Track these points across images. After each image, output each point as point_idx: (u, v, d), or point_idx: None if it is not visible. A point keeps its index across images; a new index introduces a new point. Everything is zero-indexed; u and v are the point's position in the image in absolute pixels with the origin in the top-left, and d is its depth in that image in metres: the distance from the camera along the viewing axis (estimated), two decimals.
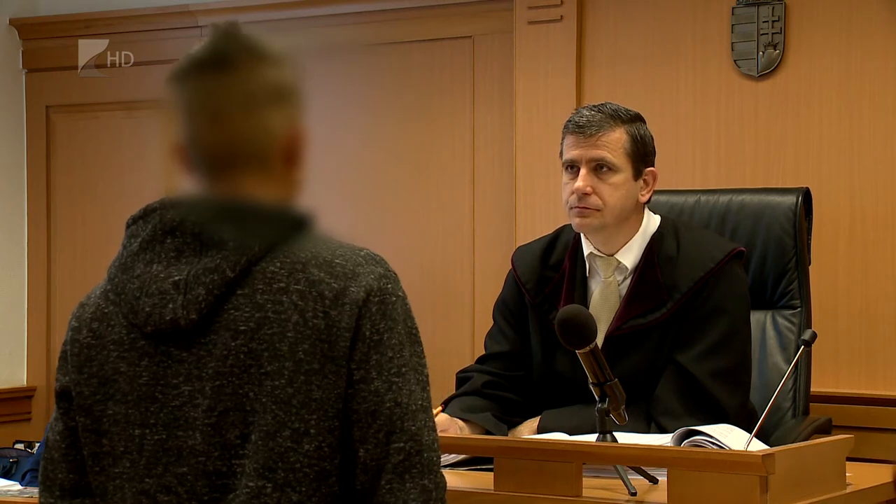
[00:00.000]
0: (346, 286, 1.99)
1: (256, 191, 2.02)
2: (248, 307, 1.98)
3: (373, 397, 1.99)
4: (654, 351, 3.17)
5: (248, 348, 1.98)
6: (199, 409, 1.99)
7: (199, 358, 2.00)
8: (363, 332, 1.99)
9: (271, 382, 1.97)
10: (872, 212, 4.22)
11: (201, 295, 1.98)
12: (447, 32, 4.96)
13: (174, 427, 2.00)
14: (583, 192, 3.17)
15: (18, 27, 5.69)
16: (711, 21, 4.44)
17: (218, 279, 1.98)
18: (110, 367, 2.04)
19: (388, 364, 1.99)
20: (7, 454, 5.01)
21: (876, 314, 4.21)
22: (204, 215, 2.01)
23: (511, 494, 2.61)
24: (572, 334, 2.73)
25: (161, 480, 2.01)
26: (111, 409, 2.04)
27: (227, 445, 1.98)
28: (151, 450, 2.01)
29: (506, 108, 4.82)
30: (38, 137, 5.73)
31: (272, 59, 2.02)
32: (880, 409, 4.17)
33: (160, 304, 2.00)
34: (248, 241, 1.99)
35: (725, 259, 3.20)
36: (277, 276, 1.99)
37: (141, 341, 2.02)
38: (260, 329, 1.98)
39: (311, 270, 1.99)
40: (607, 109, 3.22)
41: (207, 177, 2.03)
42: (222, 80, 2.00)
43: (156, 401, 2.01)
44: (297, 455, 1.97)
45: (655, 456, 2.61)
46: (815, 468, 2.65)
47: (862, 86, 4.24)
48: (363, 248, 2.05)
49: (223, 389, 1.98)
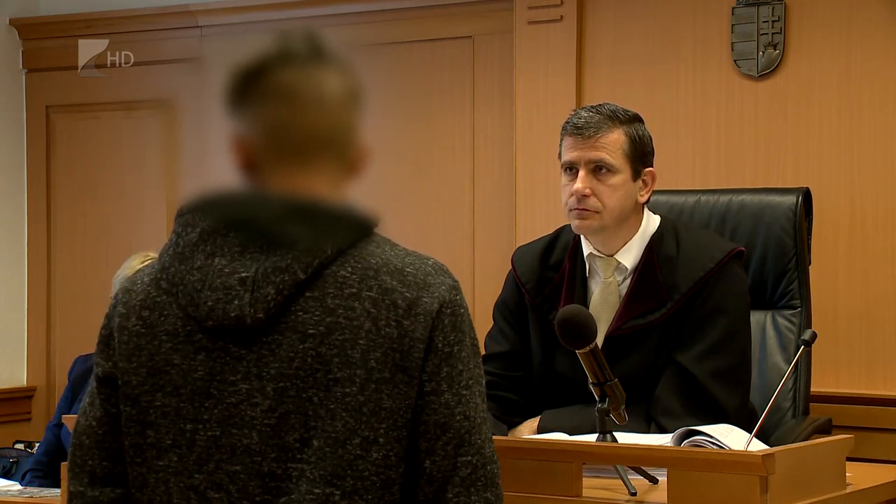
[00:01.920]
0: (419, 296, 1.99)
1: (322, 190, 2.01)
2: (318, 310, 1.97)
3: (443, 409, 2.00)
4: (654, 351, 3.17)
5: (316, 352, 1.96)
6: (257, 408, 1.97)
7: (261, 357, 1.98)
8: (436, 344, 2.00)
9: (342, 389, 1.96)
10: (872, 212, 4.22)
11: (270, 294, 1.96)
12: (447, 32, 4.96)
13: (229, 424, 1.98)
14: (582, 194, 3.17)
15: (18, 27, 5.69)
16: (711, 21, 4.44)
17: (289, 279, 1.96)
18: (161, 358, 2.01)
19: (458, 377, 2.01)
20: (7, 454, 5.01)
21: (876, 314, 4.21)
22: (274, 212, 1.98)
23: (511, 494, 2.60)
24: (572, 334, 2.73)
25: (212, 477, 1.99)
26: (159, 400, 2.01)
27: (285, 448, 1.97)
28: (203, 445, 1.99)
29: (506, 108, 4.82)
30: (38, 137, 5.73)
31: (348, 66, 2.03)
32: (880, 409, 4.17)
33: (224, 300, 1.97)
34: (319, 243, 1.97)
35: (725, 259, 3.20)
36: (349, 281, 1.98)
37: (198, 335, 1.99)
38: (330, 334, 1.96)
39: (384, 278, 1.99)
40: (605, 110, 3.22)
41: (279, 169, 2.00)
42: (318, 74, 2.00)
43: (210, 396, 1.99)
44: (365, 463, 1.97)
45: (655, 456, 2.61)
46: (815, 468, 2.65)
47: (862, 86, 4.24)
48: (429, 257, 2.06)
49: (286, 392, 1.96)
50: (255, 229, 1.99)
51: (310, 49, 2.01)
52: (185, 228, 2.03)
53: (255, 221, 1.99)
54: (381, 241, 2.04)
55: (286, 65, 2.00)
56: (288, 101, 1.99)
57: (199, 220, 2.01)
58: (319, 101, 1.99)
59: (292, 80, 1.99)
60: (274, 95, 1.99)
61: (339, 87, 2.01)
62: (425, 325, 1.99)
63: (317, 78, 2.00)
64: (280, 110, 1.99)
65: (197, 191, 2.05)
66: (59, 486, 2.96)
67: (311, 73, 2.00)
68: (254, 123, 2.00)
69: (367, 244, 2.02)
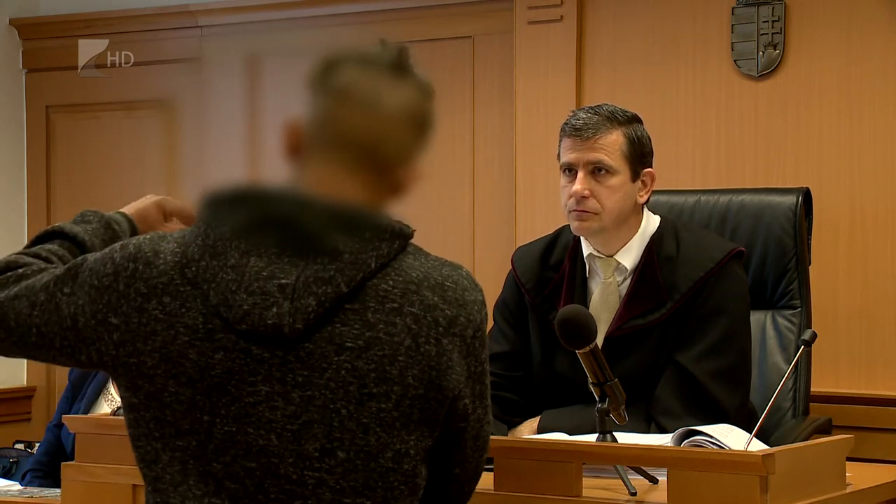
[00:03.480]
0: (457, 315, 2.02)
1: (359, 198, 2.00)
2: (357, 324, 1.96)
3: (475, 423, 2.08)
4: (654, 351, 3.17)
5: (352, 365, 1.96)
6: (277, 411, 1.96)
7: (286, 362, 1.96)
8: (471, 368, 2.04)
9: (377, 405, 1.96)
10: (872, 212, 4.22)
11: (311, 305, 1.94)
12: (447, 32, 4.96)
13: (245, 423, 1.97)
14: (580, 196, 3.17)
15: (18, 27, 5.69)
16: (711, 21, 4.44)
17: (331, 292, 1.94)
18: (176, 349, 1.98)
19: (484, 391, 2.08)
20: (7, 454, 5.01)
21: (876, 314, 4.21)
22: (317, 216, 1.96)
23: (511, 494, 2.61)
24: (572, 334, 2.73)
25: (229, 469, 1.98)
26: (173, 387, 1.99)
27: (304, 455, 1.97)
28: (221, 438, 1.98)
29: (506, 108, 4.82)
30: (38, 137, 5.73)
31: (428, 92, 2.04)
32: (880, 409, 4.17)
33: (262, 305, 1.94)
34: (364, 257, 1.96)
35: (725, 259, 3.20)
36: (391, 295, 1.98)
37: (219, 334, 1.97)
38: (369, 349, 1.96)
39: (425, 293, 2.00)
40: (604, 111, 3.21)
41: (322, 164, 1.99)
42: (387, 84, 2.00)
43: (228, 394, 1.97)
44: (395, 475, 2.00)
45: (655, 456, 2.61)
46: (815, 468, 2.65)
47: (862, 86, 4.24)
48: (461, 266, 2.08)
49: (313, 400, 1.96)
50: (297, 232, 1.96)
51: (393, 60, 2.01)
52: (215, 220, 1.99)
53: (296, 224, 1.96)
54: (415, 252, 2.05)
55: (361, 66, 2.00)
56: (347, 99, 1.99)
57: (231, 213, 1.98)
58: (377, 109, 1.99)
59: (359, 81, 1.99)
60: (337, 90, 1.99)
61: (404, 104, 2.01)
62: (461, 350, 2.02)
63: (384, 87, 1.99)
64: (337, 105, 1.99)
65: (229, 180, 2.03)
66: (59, 486, 2.96)
67: (380, 81, 2.00)
68: (312, 111, 2.00)
69: (405, 256, 2.03)
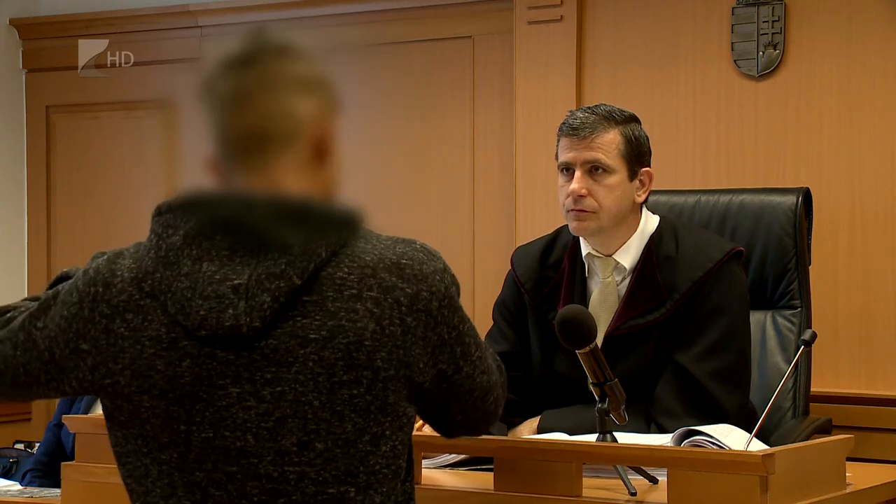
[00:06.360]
0: (419, 290, 2.01)
1: (290, 184, 1.99)
2: (318, 315, 1.96)
3: (466, 380, 2.10)
4: (654, 351, 3.17)
5: (318, 357, 1.96)
6: (250, 411, 1.97)
7: (252, 361, 1.96)
8: (443, 336, 2.05)
9: (348, 391, 1.97)
10: (872, 212, 4.22)
11: (266, 302, 1.94)
12: (447, 32, 4.96)
13: (221, 427, 1.97)
14: (578, 195, 3.17)
15: (18, 27, 5.69)
16: (711, 21, 4.44)
17: (284, 286, 1.94)
18: (144, 362, 1.99)
19: (467, 349, 2.09)
20: (7, 454, 5.01)
21: (876, 314, 4.21)
22: (262, 213, 1.96)
23: (511, 494, 2.61)
24: (572, 334, 2.73)
25: (211, 476, 1.99)
26: (147, 402, 2.00)
27: (282, 451, 1.97)
28: (200, 446, 1.98)
29: (506, 108, 4.82)
30: (38, 137, 5.73)
31: (296, 54, 2.02)
32: (880, 409, 4.17)
33: (218, 308, 1.95)
34: (313, 246, 1.95)
35: (724, 259, 3.20)
36: (347, 282, 1.97)
37: (183, 341, 1.97)
38: (334, 338, 1.96)
39: (382, 276, 1.99)
40: (601, 111, 3.22)
41: (241, 168, 1.99)
42: (246, 71, 1.99)
43: (200, 400, 1.98)
44: (375, 458, 2.00)
45: (655, 456, 2.61)
46: (815, 468, 2.65)
47: (862, 86, 4.24)
48: (415, 241, 2.07)
49: (284, 396, 1.96)
50: (244, 232, 1.96)
51: (244, 51, 2.01)
52: (165, 230, 1.99)
53: (243, 223, 1.96)
54: (367, 236, 2.04)
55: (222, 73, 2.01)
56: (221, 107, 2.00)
57: (180, 222, 1.98)
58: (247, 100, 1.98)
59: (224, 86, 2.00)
60: (215, 105, 2.00)
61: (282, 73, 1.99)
62: (427, 324, 2.02)
63: (249, 74, 1.99)
64: (221, 114, 2.00)
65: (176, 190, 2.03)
66: (59, 486, 2.96)
67: (245, 71, 1.99)
68: (209, 136, 2.02)
69: (357, 241, 2.01)
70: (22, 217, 5.75)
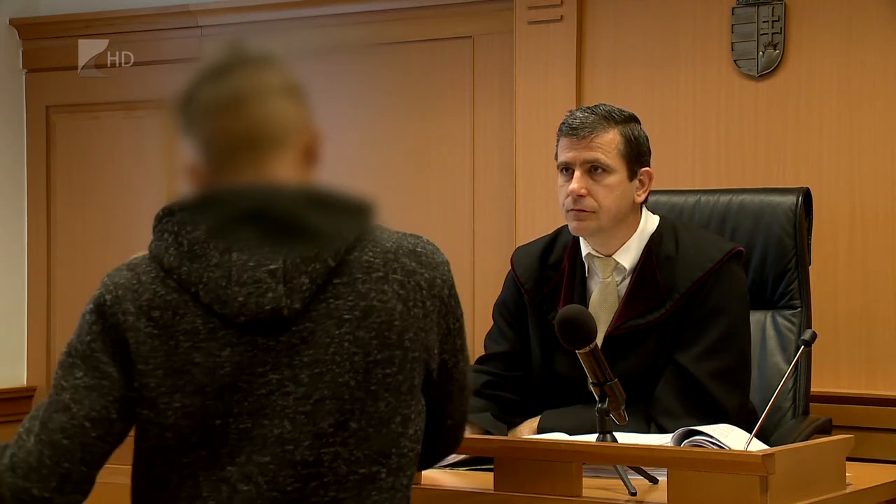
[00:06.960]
0: (434, 277, 2.11)
1: None
2: (350, 296, 2.02)
3: (461, 376, 2.17)
4: (654, 351, 3.17)
5: (353, 336, 2.01)
6: (289, 397, 1.99)
7: (291, 346, 1.99)
8: (450, 325, 2.13)
9: (382, 371, 2.02)
10: (872, 212, 4.22)
11: (305, 284, 1.99)
12: (447, 32, 4.96)
13: (260, 416, 1.99)
14: (577, 195, 3.17)
15: (18, 27, 5.69)
16: (711, 21, 4.44)
17: (321, 268, 1.99)
18: (179, 358, 1.99)
19: (463, 344, 2.17)
20: None
21: (876, 314, 4.21)
22: (291, 202, 1.99)
23: (511, 494, 2.61)
24: (572, 334, 2.73)
25: (243, 469, 1.99)
26: (178, 401, 1.99)
27: (319, 434, 1.99)
28: (236, 438, 1.99)
29: (506, 108, 4.82)
30: (38, 137, 5.73)
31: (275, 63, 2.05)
32: (880, 409, 4.17)
33: (256, 293, 1.97)
34: (341, 230, 2.02)
35: (724, 259, 3.20)
36: (374, 265, 2.04)
37: (221, 331, 1.99)
38: (367, 317, 2.02)
39: (404, 260, 2.08)
40: (600, 111, 3.22)
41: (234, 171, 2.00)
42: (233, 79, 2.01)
43: (240, 390, 1.99)
44: (404, 440, 2.06)
45: (655, 456, 2.61)
46: (815, 468, 2.65)
47: (862, 86, 4.24)
48: (420, 236, 2.17)
49: (321, 377, 1.99)
50: (274, 219, 1.99)
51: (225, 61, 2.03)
52: (182, 227, 2.01)
53: (272, 211, 1.99)
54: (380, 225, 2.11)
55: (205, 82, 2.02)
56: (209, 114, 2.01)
57: (199, 218, 2.00)
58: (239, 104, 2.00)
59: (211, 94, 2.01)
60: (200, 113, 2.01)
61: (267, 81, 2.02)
62: (440, 310, 2.10)
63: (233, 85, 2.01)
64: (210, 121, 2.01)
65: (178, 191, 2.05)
66: None
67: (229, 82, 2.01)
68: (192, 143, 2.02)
69: (374, 228, 2.08)
70: (22, 217, 5.74)
